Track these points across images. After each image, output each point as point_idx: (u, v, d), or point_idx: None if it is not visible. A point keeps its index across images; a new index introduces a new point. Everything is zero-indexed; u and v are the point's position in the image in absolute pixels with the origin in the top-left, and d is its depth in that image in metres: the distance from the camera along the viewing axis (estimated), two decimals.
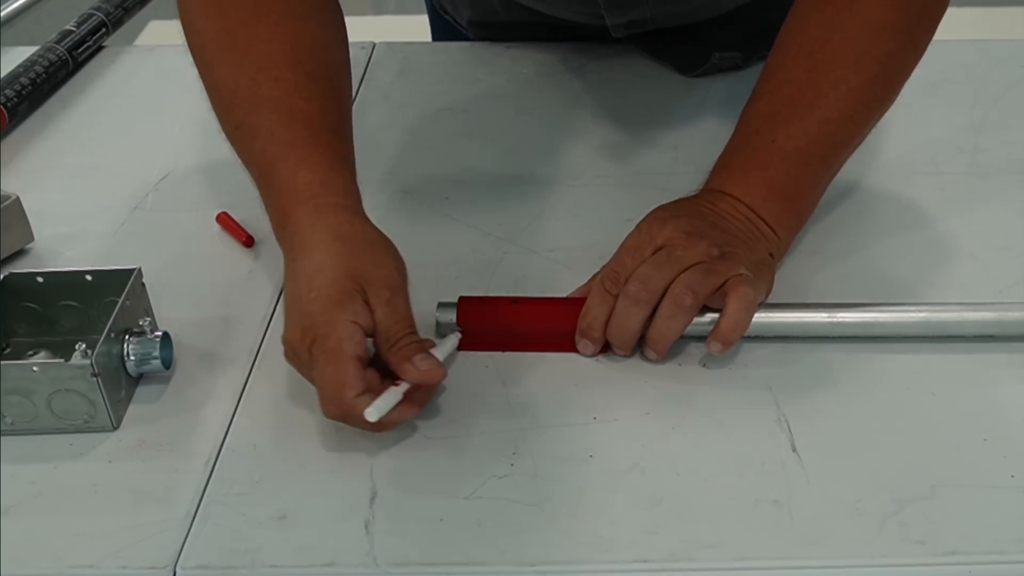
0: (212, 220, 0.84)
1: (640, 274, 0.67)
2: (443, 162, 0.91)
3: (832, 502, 0.60)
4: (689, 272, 0.67)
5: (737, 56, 1.01)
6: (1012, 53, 1.03)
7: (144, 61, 1.10)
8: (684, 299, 0.66)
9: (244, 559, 0.58)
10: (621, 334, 0.68)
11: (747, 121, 0.76)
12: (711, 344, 0.67)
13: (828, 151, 0.75)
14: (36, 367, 0.63)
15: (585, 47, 1.06)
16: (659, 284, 0.67)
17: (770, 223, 0.73)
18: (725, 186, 0.74)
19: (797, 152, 0.73)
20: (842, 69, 0.73)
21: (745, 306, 0.66)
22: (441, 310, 0.72)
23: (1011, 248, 0.78)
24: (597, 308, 0.69)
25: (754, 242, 0.72)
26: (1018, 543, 0.57)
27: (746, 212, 0.72)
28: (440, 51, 1.11)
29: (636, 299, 0.67)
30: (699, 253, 0.67)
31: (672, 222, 0.70)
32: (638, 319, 0.67)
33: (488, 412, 0.66)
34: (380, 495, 0.61)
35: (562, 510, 0.60)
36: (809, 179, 0.75)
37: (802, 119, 0.73)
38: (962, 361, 0.69)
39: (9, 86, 0.97)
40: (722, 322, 0.67)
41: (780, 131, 0.74)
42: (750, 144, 0.75)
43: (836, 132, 0.74)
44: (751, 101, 0.77)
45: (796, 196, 0.75)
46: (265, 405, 0.68)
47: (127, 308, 0.68)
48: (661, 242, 0.68)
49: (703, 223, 0.70)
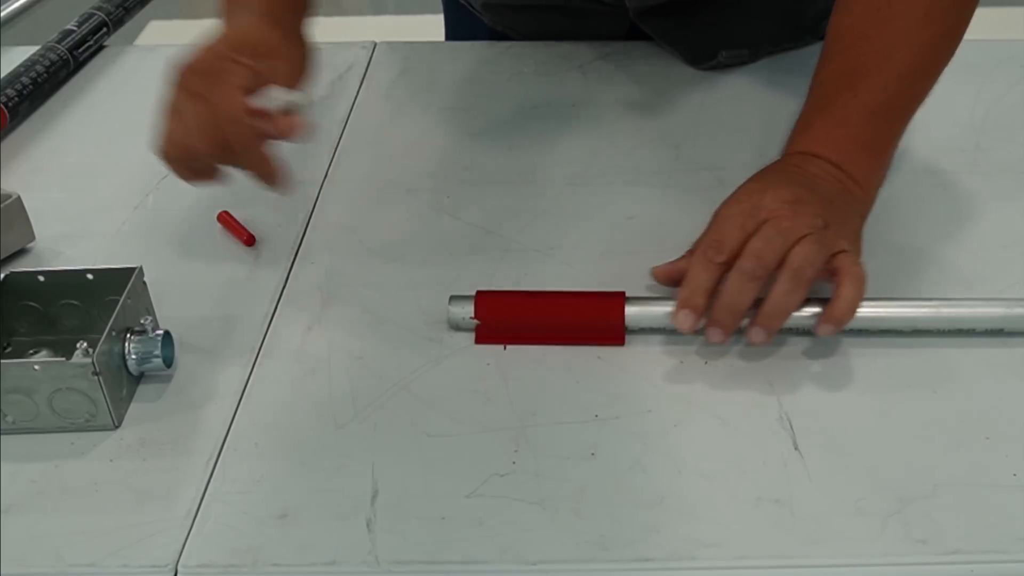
0: (213, 219, 0.84)
1: (754, 249, 0.66)
2: (444, 161, 0.91)
3: (834, 501, 0.60)
4: (803, 246, 0.66)
5: (744, 53, 1.01)
6: (1012, 53, 1.03)
7: (144, 61, 1.10)
8: (804, 272, 0.66)
9: (245, 558, 0.58)
10: (733, 310, 0.67)
11: (822, 82, 0.77)
12: (823, 327, 0.67)
13: (905, 105, 0.76)
14: (37, 366, 0.63)
15: (586, 46, 1.06)
16: (773, 259, 0.66)
17: (859, 180, 0.73)
18: (812, 147, 0.74)
19: (879, 107, 0.75)
20: (912, 22, 0.75)
21: (860, 288, 0.67)
22: (453, 303, 0.72)
23: (1012, 247, 0.78)
24: (700, 275, 0.67)
25: (848, 205, 0.72)
26: (1020, 542, 0.57)
27: (835, 172, 0.73)
28: (440, 51, 1.11)
29: (752, 274, 0.66)
30: (805, 224, 0.67)
31: (771, 191, 0.69)
32: (751, 295, 0.66)
33: (490, 410, 0.66)
34: (381, 493, 0.61)
35: (564, 508, 0.60)
36: (890, 134, 0.76)
37: (880, 74, 0.75)
38: (963, 360, 0.69)
39: (10, 85, 0.97)
40: (837, 304, 0.66)
41: (860, 87, 0.75)
42: (831, 103, 0.76)
43: (912, 86, 0.76)
44: (823, 63, 0.78)
45: (880, 151, 0.76)
46: (266, 404, 0.68)
47: (128, 307, 0.68)
48: (765, 214, 0.68)
49: (802, 190, 0.70)
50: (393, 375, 0.69)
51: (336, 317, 0.74)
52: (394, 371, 0.69)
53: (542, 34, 1.08)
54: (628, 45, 1.06)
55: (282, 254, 0.81)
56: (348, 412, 0.67)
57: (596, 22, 1.06)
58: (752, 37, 1.01)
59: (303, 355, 0.71)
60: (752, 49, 1.01)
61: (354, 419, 0.66)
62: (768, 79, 1.00)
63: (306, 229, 0.83)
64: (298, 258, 0.80)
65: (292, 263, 0.80)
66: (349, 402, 0.67)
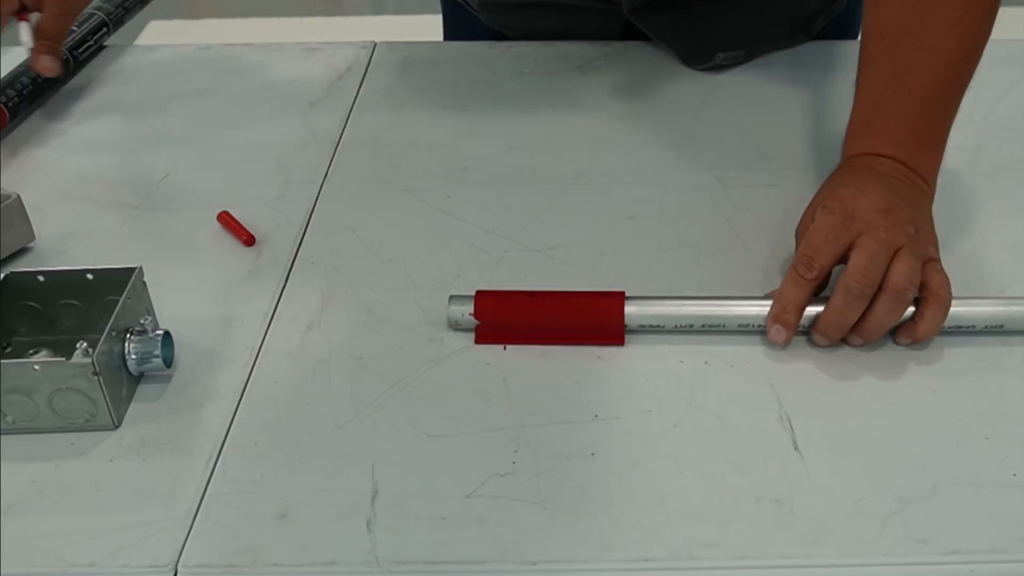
0: (213, 219, 0.84)
1: (860, 268, 0.67)
2: (444, 160, 0.91)
3: (834, 501, 0.60)
4: (902, 262, 0.67)
5: (740, 54, 1.01)
6: (1012, 53, 1.03)
7: (144, 61, 1.10)
8: (907, 293, 0.67)
9: (245, 558, 0.58)
10: (840, 327, 0.68)
11: (873, 81, 0.77)
12: (903, 339, 0.69)
13: (956, 92, 0.77)
14: (37, 366, 0.63)
15: (585, 46, 1.06)
16: (879, 275, 0.67)
17: (923, 175, 0.74)
18: (877, 147, 0.75)
19: (933, 99, 0.75)
20: (954, 10, 0.75)
21: (945, 313, 0.68)
22: (453, 303, 0.72)
23: (1012, 247, 0.78)
24: (791, 292, 0.68)
25: (922, 203, 0.74)
26: (1020, 542, 0.57)
27: (904, 171, 0.74)
28: (440, 50, 1.11)
29: (859, 294, 0.67)
30: (902, 234, 0.68)
31: (863, 199, 0.70)
32: (858, 313, 0.67)
33: (489, 410, 0.66)
34: (381, 493, 0.61)
35: (564, 508, 0.60)
36: (945, 124, 0.77)
37: (930, 65, 0.75)
38: (963, 359, 0.69)
39: (10, 86, 0.97)
40: (921, 326, 0.68)
41: (914, 82, 0.75)
42: (887, 101, 0.76)
43: (961, 72, 0.77)
44: (868, 62, 0.78)
45: (938, 142, 0.77)
46: (266, 403, 0.68)
47: (128, 307, 0.68)
48: (860, 226, 0.68)
49: (890, 195, 0.71)
50: (393, 375, 0.69)
51: (336, 317, 0.74)
52: (394, 371, 0.69)
53: (538, 31, 1.09)
54: (628, 45, 1.06)
55: (282, 254, 0.81)
56: (348, 412, 0.67)
57: (591, 19, 1.06)
58: (747, 36, 1.01)
59: (303, 355, 0.71)
60: (748, 49, 1.01)
61: (354, 419, 0.66)
62: (768, 79, 1.00)
63: (306, 229, 0.83)
64: (298, 258, 0.80)
65: (292, 263, 0.80)
66: (349, 402, 0.67)
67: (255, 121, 0.98)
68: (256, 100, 1.01)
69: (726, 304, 0.70)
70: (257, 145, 0.94)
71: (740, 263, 0.77)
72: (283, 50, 1.10)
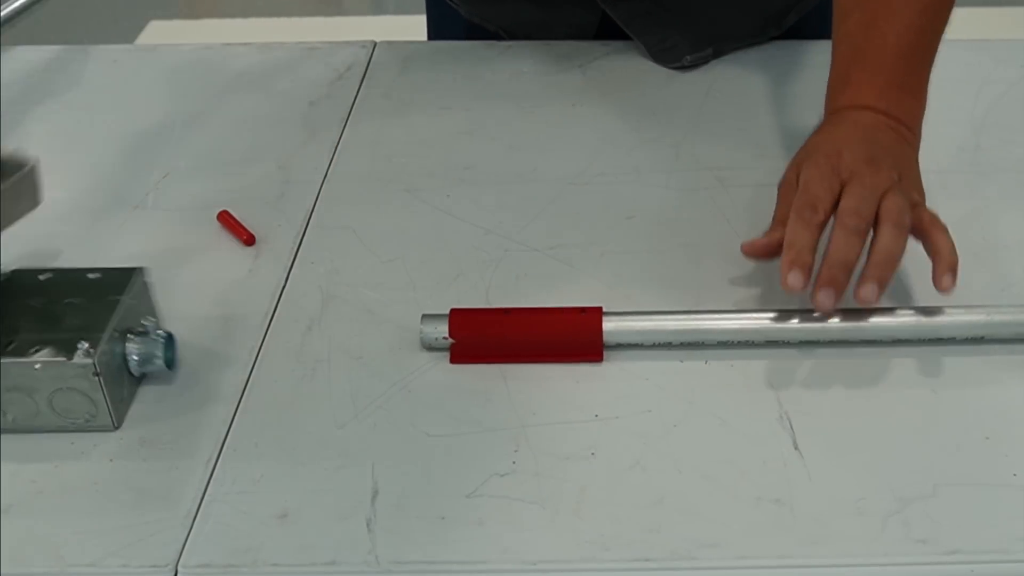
0: (213, 219, 0.84)
1: (850, 207, 0.68)
2: (444, 160, 0.91)
3: (834, 501, 0.60)
4: (892, 198, 0.69)
5: (709, 53, 1.02)
6: (1012, 53, 1.03)
7: (144, 61, 1.10)
8: (904, 219, 0.68)
9: (245, 558, 0.58)
10: (845, 265, 0.68)
11: (848, 34, 0.79)
12: (944, 279, 0.68)
13: (932, 38, 0.78)
14: (38, 365, 0.63)
15: (586, 45, 1.06)
16: (870, 213, 0.68)
17: (906, 122, 0.76)
18: (858, 100, 0.76)
19: (910, 47, 0.77)
20: None
21: (948, 234, 0.70)
22: (425, 322, 0.70)
23: (1012, 247, 0.78)
24: (802, 235, 0.69)
25: (906, 151, 0.75)
26: (1020, 542, 0.57)
27: (886, 121, 0.75)
28: (440, 50, 1.11)
29: (856, 229, 0.68)
30: (886, 178, 0.70)
31: (847, 151, 0.72)
32: (859, 248, 0.68)
33: (489, 410, 0.66)
34: (381, 493, 0.61)
35: (564, 508, 0.60)
36: (924, 69, 0.78)
37: (903, 14, 0.77)
38: (964, 359, 0.69)
39: None
40: (943, 254, 0.69)
41: (888, 32, 0.77)
42: (864, 53, 0.78)
43: (934, 18, 0.78)
44: (841, 19, 0.79)
45: (919, 89, 0.78)
46: (266, 404, 0.68)
47: (130, 307, 0.68)
48: (847, 174, 0.70)
49: (872, 146, 0.72)
50: (393, 375, 0.69)
51: (336, 317, 0.74)
52: (394, 371, 0.69)
53: (516, 24, 1.09)
54: (628, 45, 1.05)
55: (282, 254, 0.81)
56: (348, 412, 0.67)
57: (568, 11, 1.06)
58: (718, 30, 1.01)
59: (303, 355, 0.71)
60: (716, 46, 1.02)
61: (354, 419, 0.66)
62: (768, 78, 1.00)
63: (306, 229, 0.83)
64: (298, 258, 0.80)
65: (292, 263, 0.80)
66: (349, 402, 0.67)
67: (255, 121, 0.98)
68: (256, 100, 1.01)
69: (706, 319, 0.70)
70: (257, 145, 0.94)
71: (740, 263, 0.77)
72: (283, 50, 1.10)
